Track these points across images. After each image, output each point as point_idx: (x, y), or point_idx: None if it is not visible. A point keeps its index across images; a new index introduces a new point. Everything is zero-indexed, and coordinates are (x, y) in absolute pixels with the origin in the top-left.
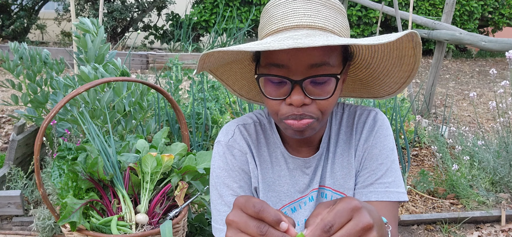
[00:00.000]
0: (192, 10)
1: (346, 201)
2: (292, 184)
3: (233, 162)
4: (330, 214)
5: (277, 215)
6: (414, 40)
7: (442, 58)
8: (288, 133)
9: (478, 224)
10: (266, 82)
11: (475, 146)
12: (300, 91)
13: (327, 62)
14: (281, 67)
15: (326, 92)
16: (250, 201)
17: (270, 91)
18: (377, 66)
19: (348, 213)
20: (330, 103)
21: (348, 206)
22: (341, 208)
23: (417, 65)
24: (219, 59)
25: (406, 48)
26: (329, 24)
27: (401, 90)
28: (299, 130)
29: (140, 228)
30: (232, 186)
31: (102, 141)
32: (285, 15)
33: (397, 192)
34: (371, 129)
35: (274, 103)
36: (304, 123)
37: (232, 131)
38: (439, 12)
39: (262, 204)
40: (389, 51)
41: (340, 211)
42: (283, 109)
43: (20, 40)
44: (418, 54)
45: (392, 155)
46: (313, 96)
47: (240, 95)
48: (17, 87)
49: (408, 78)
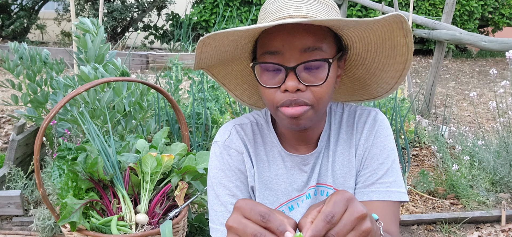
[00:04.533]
0: (192, 10)
1: (340, 193)
2: (290, 183)
3: (229, 162)
4: (328, 205)
5: (282, 224)
6: (404, 27)
7: (442, 58)
8: (285, 125)
9: (478, 224)
10: (261, 71)
11: (475, 146)
12: (294, 77)
13: (319, 47)
14: (275, 54)
15: (320, 78)
16: (256, 209)
17: (265, 80)
18: (372, 60)
19: (344, 203)
20: (324, 91)
21: (343, 197)
22: (337, 199)
23: (410, 54)
24: (216, 50)
25: (398, 36)
26: (321, 16)
27: (398, 85)
28: (295, 117)
29: (140, 228)
30: (229, 186)
31: (102, 141)
32: (279, 8)
33: (398, 192)
34: (371, 129)
35: (270, 91)
36: (299, 110)
37: (229, 131)
38: (439, 12)
39: (270, 214)
40: (382, 42)
41: (337, 202)
42: (279, 96)
43: (20, 40)
44: (409, 43)
45: (393, 154)
46: (307, 82)
47: (242, 101)
48: (17, 87)
49: (403, 70)
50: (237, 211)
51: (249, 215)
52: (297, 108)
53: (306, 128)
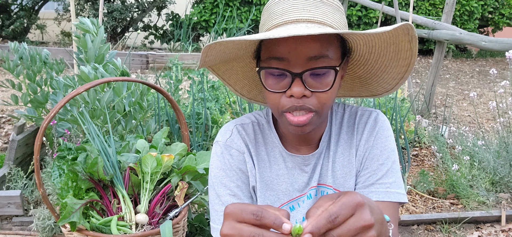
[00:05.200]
0: (192, 10)
1: (351, 196)
2: (291, 183)
3: (230, 161)
4: (335, 205)
5: (277, 218)
6: (410, 34)
7: (442, 58)
8: (289, 129)
9: (478, 224)
10: (267, 75)
11: (475, 146)
12: (300, 83)
13: (325, 55)
14: (281, 60)
15: (326, 84)
16: (247, 209)
17: (271, 84)
18: (375, 62)
19: (352, 208)
20: (329, 96)
21: (352, 201)
22: (346, 201)
23: (413, 59)
24: (221, 53)
25: (402, 42)
26: (327, 19)
27: (398, 86)
28: (300, 126)
29: (140, 228)
30: (230, 185)
31: (102, 141)
32: (284, 11)
33: (398, 193)
34: (372, 130)
35: (275, 96)
36: (304, 119)
37: (230, 131)
38: (439, 12)
39: (262, 211)
40: (386, 46)
41: (345, 204)
42: (284, 101)
43: (20, 40)
44: (414, 48)
45: (393, 156)
46: (313, 88)
47: (241, 95)
48: (17, 87)
49: (405, 73)
50: (228, 217)
51: (241, 218)
52: (302, 118)
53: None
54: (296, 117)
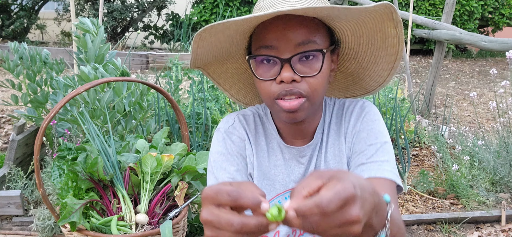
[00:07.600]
0: (192, 10)
1: (344, 184)
2: (287, 174)
3: (232, 147)
4: (328, 192)
5: (255, 198)
6: (394, 18)
7: (442, 58)
8: (281, 117)
9: (478, 224)
10: (257, 64)
11: (475, 146)
12: (289, 69)
13: (313, 40)
14: (270, 48)
15: (314, 69)
16: (222, 190)
17: (261, 73)
18: (364, 53)
19: (344, 200)
20: (319, 82)
21: (345, 192)
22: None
23: (401, 46)
24: (213, 46)
25: (388, 27)
26: (313, 4)
27: (390, 76)
28: (291, 111)
29: (140, 228)
30: (229, 169)
31: (102, 141)
32: (272, 3)
33: (392, 172)
34: (359, 116)
35: (266, 84)
36: (295, 104)
37: (232, 119)
38: (439, 12)
39: (237, 192)
40: (373, 34)
41: (338, 195)
42: (274, 88)
43: (20, 40)
44: (400, 34)
45: (382, 137)
46: (302, 73)
47: (237, 100)
48: (17, 87)
49: (395, 61)
50: (205, 202)
51: (218, 200)
52: (294, 102)
53: (302, 120)
54: (287, 102)
